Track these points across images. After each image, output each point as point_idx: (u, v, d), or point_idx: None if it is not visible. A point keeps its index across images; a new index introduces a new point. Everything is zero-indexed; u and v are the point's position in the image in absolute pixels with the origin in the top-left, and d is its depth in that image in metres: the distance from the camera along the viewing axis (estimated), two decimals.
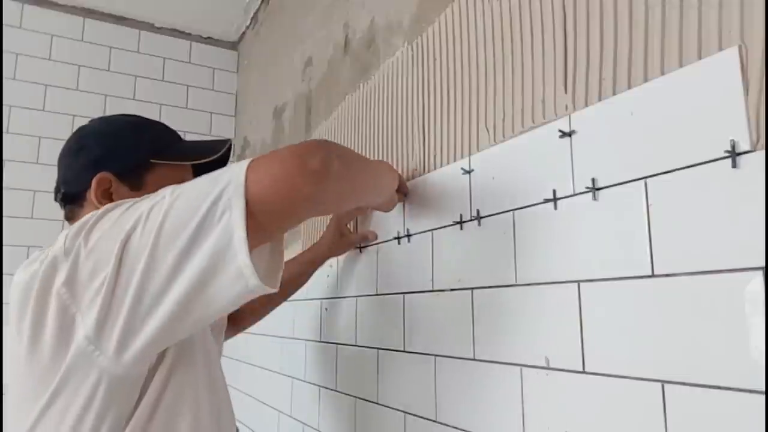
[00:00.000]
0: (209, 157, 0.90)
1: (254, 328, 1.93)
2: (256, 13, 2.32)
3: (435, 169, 0.99)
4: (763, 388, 0.48)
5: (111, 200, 0.83)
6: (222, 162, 0.95)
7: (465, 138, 0.92)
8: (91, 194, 0.84)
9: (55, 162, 0.93)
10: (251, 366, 1.91)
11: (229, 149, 0.96)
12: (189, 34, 2.45)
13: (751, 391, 0.49)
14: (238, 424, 1.44)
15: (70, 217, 0.89)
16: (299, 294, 1.53)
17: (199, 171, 0.94)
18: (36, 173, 2.07)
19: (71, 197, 0.88)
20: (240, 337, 2.12)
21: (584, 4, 0.71)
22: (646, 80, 0.62)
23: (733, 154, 0.52)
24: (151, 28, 2.37)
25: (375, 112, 1.22)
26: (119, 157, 0.86)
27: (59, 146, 0.98)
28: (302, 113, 1.70)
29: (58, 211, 0.92)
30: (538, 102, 0.77)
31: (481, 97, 0.89)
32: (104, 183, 0.84)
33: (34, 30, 2.16)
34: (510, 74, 0.83)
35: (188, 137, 0.99)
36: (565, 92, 0.73)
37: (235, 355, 2.15)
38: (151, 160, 0.87)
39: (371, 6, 1.30)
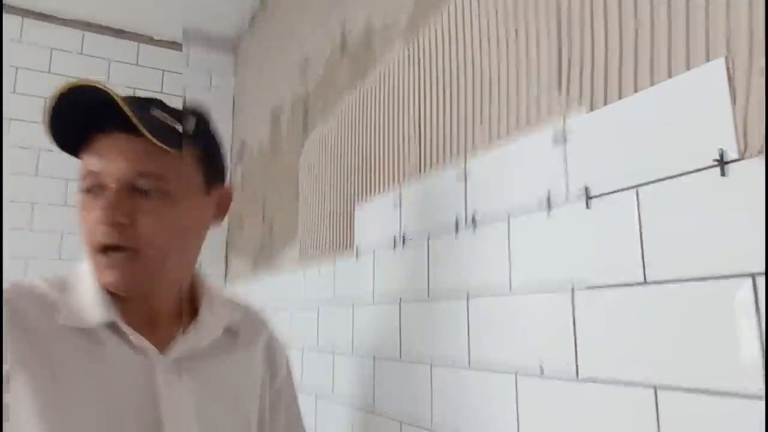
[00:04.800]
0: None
1: None
2: (253, 16, 2.33)
3: (431, 171, 0.99)
4: (756, 392, 0.48)
5: None
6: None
7: (461, 140, 0.92)
8: None
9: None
10: None
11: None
12: (187, 40, 2.47)
13: (742, 396, 0.49)
14: None
15: None
16: (296, 300, 1.53)
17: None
18: (35, 186, 2.07)
19: None
20: None
21: (578, 12, 0.72)
22: (636, 90, 0.63)
23: (722, 163, 0.53)
24: (149, 40, 2.39)
25: (372, 114, 1.23)
26: None
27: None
28: (299, 115, 1.70)
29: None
30: (533, 105, 0.78)
31: (476, 100, 0.90)
32: None
33: (34, 43, 2.17)
34: (505, 77, 0.84)
35: None
36: (559, 94, 0.74)
37: None
38: None
39: (368, 7, 1.30)
